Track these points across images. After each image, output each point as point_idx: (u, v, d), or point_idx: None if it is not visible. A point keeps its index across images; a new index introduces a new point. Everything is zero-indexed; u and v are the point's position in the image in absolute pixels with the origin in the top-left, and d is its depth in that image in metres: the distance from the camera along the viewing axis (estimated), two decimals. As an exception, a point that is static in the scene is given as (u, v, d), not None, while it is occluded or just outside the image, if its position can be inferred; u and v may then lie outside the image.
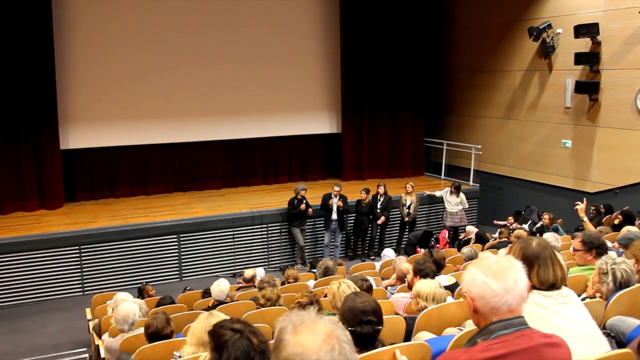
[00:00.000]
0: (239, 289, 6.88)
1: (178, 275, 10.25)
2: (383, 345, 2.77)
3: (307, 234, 11.10)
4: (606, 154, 10.91)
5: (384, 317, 2.87)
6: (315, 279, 7.17)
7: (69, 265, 9.50)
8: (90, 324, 6.86)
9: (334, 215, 10.80)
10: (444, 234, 11.29)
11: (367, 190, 11.09)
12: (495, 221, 11.51)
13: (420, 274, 4.72)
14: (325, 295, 4.26)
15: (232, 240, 10.56)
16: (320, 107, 13.64)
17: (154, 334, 4.28)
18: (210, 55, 12.24)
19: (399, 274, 5.81)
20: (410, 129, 14.19)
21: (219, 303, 5.85)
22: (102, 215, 10.67)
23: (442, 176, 13.87)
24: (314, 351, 1.44)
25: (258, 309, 5.24)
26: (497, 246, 8.05)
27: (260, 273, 7.60)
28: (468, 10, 13.74)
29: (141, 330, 4.54)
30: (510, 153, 12.93)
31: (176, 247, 10.21)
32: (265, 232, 10.83)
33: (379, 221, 11.13)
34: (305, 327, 1.50)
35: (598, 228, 7.16)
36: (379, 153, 14.05)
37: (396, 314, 4.28)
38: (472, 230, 10.22)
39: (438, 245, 10.87)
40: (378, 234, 11.39)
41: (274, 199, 11.80)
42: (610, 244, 5.26)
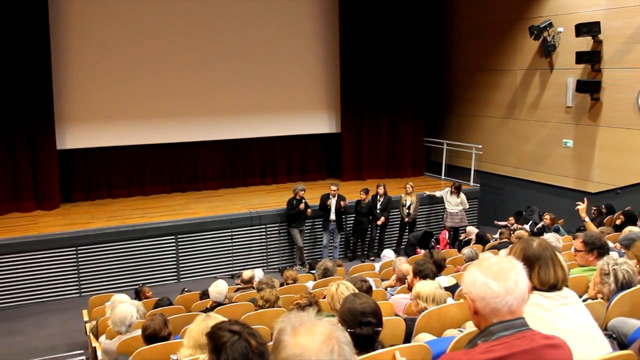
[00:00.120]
0: (237, 290, 6.89)
1: (176, 277, 10.21)
2: (383, 346, 2.77)
3: (306, 234, 11.06)
4: (608, 153, 10.85)
5: (384, 319, 2.87)
6: (315, 280, 7.16)
7: (65, 267, 9.46)
8: (87, 325, 6.83)
9: (332, 216, 10.76)
10: (444, 235, 11.26)
11: (367, 191, 11.05)
12: (496, 222, 11.47)
13: (420, 275, 4.71)
14: (324, 297, 4.22)
15: (231, 241, 10.52)
16: (320, 107, 13.58)
17: (152, 336, 4.26)
18: (208, 54, 12.20)
19: (399, 275, 5.81)
20: (410, 128, 14.13)
21: (217, 304, 5.84)
22: (99, 216, 10.62)
23: (442, 176, 13.82)
24: (314, 352, 1.43)
25: (256, 310, 5.23)
26: (498, 247, 8.03)
27: (258, 274, 7.60)
28: (468, 8, 13.69)
29: (138, 332, 4.52)
30: (511, 153, 12.88)
31: (174, 248, 10.17)
32: (264, 233, 10.79)
33: (379, 222, 11.09)
34: (304, 329, 1.49)
35: (600, 228, 7.12)
36: (379, 153, 13.99)
37: (396, 315, 4.26)
38: (473, 230, 10.20)
39: (438, 246, 10.84)
40: (378, 234, 11.35)
41: (272, 199, 11.75)
42: (611, 244, 5.25)
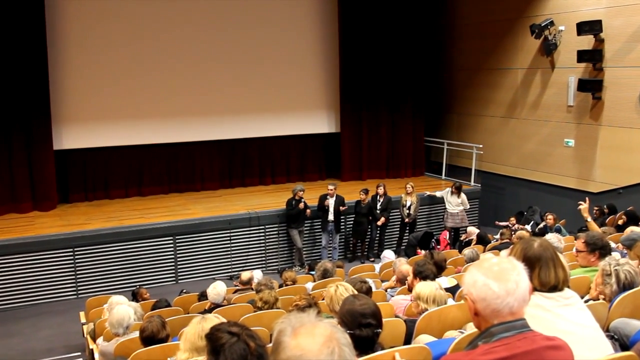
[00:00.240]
0: (236, 291, 6.89)
1: (174, 278, 10.15)
2: (383, 348, 2.76)
3: (305, 235, 11.01)
4: (610, 153, 10.80)
5: (384, 320, 2.86)
6: (314, 281, 7.17)
7: (62, 268, 9.42)
8: (85, 327, 6.82)
9: (330, 217, 10.71)
10: (445, 235, 11.21)
11: (367, 191, 10.99)
12: (497, 222, 11.42)
13: (421, 276, 4.69)
14: (323, 298, 4.18)
15: (229, 242, 10.47)
16: (319, 107, 13.53)
17: (149, 338, 4.23)
18: (207, 54, 12.15)
19: (399, 275, 5.81)
20: (410, 128, 14.08)
21: (215, 306, 5.81)
22: (97, 216, 10.56)
23: (443, 176, 13.77)
24: (314, 354, 1.43)
25: (255, 312, 5.21)
26: (499, 247, 7.97)
27: (257, 275, 7.59)
28: (469, 7, 13.66)
29: (136, 334, 4.49)
30: (512, 152, 12.83)
31: (172, 249, 10.12)
32: (263, 234, 10.74)
33: (379, 222, 11.04)
34: (304, 330, 1.49)
35: (602, 229, 7.08)
36: (379, 153, 13.94)
37: (396, 316, 4.25)
38: (474, 231, 10.16)
39: (439, 246, 10.79)
40: (378, 235, 11.30)
41: (271, 200, 11.70)
42: (614, 244, 5.23)
